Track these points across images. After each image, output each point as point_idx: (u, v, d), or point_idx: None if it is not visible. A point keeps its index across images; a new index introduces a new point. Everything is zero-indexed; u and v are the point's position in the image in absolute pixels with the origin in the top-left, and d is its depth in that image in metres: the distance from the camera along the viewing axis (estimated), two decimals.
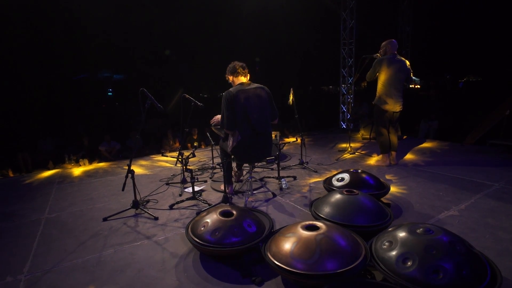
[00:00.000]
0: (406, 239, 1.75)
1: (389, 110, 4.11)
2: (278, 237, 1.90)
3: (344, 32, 8.76)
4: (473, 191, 3.21)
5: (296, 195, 3.29)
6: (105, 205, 3.19)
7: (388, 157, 4.30)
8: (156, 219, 2.76)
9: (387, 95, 4.06)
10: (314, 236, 1.76)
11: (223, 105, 2.88)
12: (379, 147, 4.32)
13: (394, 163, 4.32)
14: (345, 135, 7.21)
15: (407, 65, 4.04)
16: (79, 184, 4.04)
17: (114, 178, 4.21)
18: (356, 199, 2.35)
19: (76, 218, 2.91)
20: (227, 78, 3.14)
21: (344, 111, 9.37)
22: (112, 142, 7.96)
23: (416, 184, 3.50)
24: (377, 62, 4.09)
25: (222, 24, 10.81)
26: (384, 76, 4.03)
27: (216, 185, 3.68)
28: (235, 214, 2.16)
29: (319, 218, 2.33)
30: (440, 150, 5.24)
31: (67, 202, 3.35)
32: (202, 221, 2.15)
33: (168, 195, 3.43)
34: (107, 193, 3.60)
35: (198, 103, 3.44)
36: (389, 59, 4.00)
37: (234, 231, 2.01)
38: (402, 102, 4.12)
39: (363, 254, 1.75)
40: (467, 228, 2.45)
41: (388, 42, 4.08)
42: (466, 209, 2.79)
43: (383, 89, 4.08)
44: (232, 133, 2.92)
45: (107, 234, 2.52)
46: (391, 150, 4.31)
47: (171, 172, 4.37)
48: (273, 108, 3.04)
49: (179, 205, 3.07)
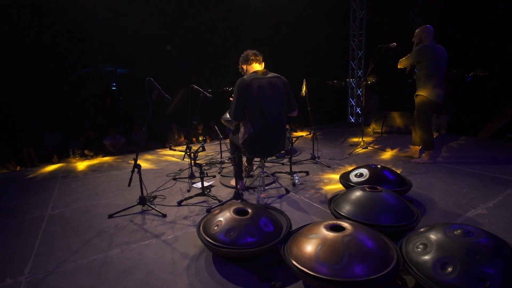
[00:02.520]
0: (443, 242, 1.58)
1: (433, 101, 3.69)
2: (299, 238, 1.74)
3: (354, 23, 8.48)
4: (498, 188, 3.02)
5: (311, 191, 3.12)
6: (110, 201, 3.06)
7: (432, 154, 3.93)
8: (164, 216, 2.62)
9: (435, 86, 3.64)
10: (341, 237, 1.59)
11: (235, 93, 2.71)
12: (426, 143, 3.87)
13: (417, 157, 4.11)
14: (355, 129, 7.01)
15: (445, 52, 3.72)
16: (84, 178, 3.91)
17: (120, 173, 4.08)
18: (380, 197, 2.18)
19: (80, 214, 2.77)
20: (240, 69, 2.96)
21: (353, 105, 9.14)
22: (117, 136, 7.84)
23: (436, 180, 3.31)
24: (420, 50, 3.64)
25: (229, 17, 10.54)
26: (429, 64, 3.62)
27: (226, 180, 3.53)
28: (251, 212, 2.00)
29: (340, 216, 2.17)
30: (456, 145, 5.02)
31: (71, 197, 3.22)
32: (214, 219, 1.99)
33: (176, 191, 3.28)
34: (112, 188, 3.46)
35: (207, 94, 3.27)
36: (432, 46, 3.62)
37: (251, 231, 1.85)
38: None
39: (395, 258, 1.59)
40: (499, 228, 2.26)
41: (423, 29, 3.71)
42: (495, 208, 2.60)
43: (432, 78, 3.64)
44: (244, 124, 2.75)
45: (113, 232, 2.38)
46: (415, 145, 4.10)
47: (178, 167, 4.22)
48: (290, 100, 2.84)
49: (188, 201, 2.92)
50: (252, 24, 10.54)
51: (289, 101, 2.86)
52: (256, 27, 10.77)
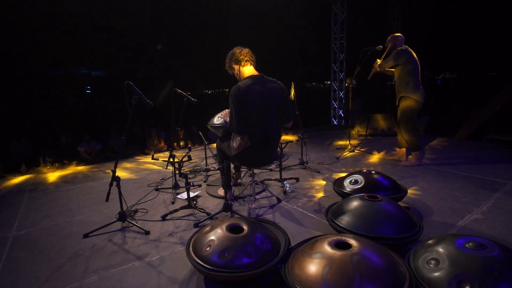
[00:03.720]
0: (456, 256, 1.48)
1: (420, 102, 3.77)
2: (301, 257, 1.58)
3: (335, 26, 8.53)
4: (488, 191, 3.02)
5: (303, 200, 2.99)
6: (85, 218, 2.76)
7: (419, 155, 3.95)
8: (148, 234, 2.38)
9: (417, 87, 3.74)
10: (349, 257, 1.45)
11: (231, 104, 2.40)
12: (413, 144, 3.88)
13: (404, 160, 4.10)
14: (339, 132, 7.00)
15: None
16: (55, 192, 3.56)
17: (96, 184, 3.76)
18: (381, 206, 2.07)
19: (50, 235, 2.47)
20: (229, 70, 2.62)
21: (335, 107, 9.18)
22: (92, 142, 7.38)
23: (427, 184, 3.28)
24: (399, 53, 3.74)
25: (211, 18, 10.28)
26: (409, 66, 3.73)
27: (212, 189, 3.32)
28: (246, 229, 1.82)
29: (339, 228, 2.04)
30: (440, 147, 5.09)
31: (40, 214, 2.89)
32: (206, 238, 1.79)
33: (159, 203, 3.04)
34: (87, 202, 3.15)
35: (191, 99, 3.06)
36: (408, 50, 3.77)
37: (247, 251, 1.67)
38: None
39: (407, 276, 1.46)
40: (498, 234, 2.22)
41: (394, 37, 3.90)
42: (489, 211, 2.58)
43: (413, 79, 3.73)
44: (241, 136, 2.51)
45: (89, 255, 2.12)
46: (401, 147, 4.10)
47: (160, 176, 3.96)
48: (289, 108, 2.62)
49: (173, 215, 2.69)
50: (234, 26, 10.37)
51: (287, 110, 2.62)
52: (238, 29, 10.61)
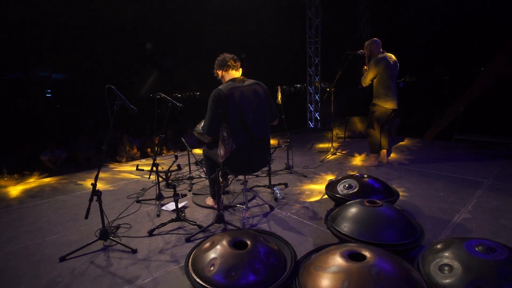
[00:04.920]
0: (469, 261, 1.47)
1: (388, 108, 3.94)
2: (314, 272, 1.49)
3: (310, 30, 8.67)
4: (469, 189, 3.15)
5: (296, 206, 2.91)
6: (59, 238, 2.47)
7: (377, 157, 4.16)
8: (135, 252, 2.16)
9: (387, 93, 3.89)
10: (367, 269, 1.38)
11: (209, 105, 2.39)
12: (370, 146, 4.15)
13: (385, 162, 4.21)
14: (317, 135, 7.08)
15: (395, 61, 3.93)
16: (20, 208, 3.18)
17: (67, 198, 3.41)
18: (382, 212, 2.04)
19: (19, 260, 2.16)
20: (215, 73, 2.63)
21: (311, 110, 9.30)
22: (57, 151, 6.83)
23: (412, 185, 3.36)
24: (375, 63, 3.85)
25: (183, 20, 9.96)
26: (382, 74, 3.86)
27: (199, 199, 3.15)
28: (250, 243, 1.70)
29: (343, 236, 1.98)
30: (415, 147, 5.30)
31: (4, 236, 2.54)
32: (207, 256, 1.64)
33: (142, 217, 2.81)
34: (60, 219, 2.84)
35: (176, 103, 2.88)
36: (384, 57, 3.85)
37: (255, 268, 1.55)
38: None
39: (424, 285, 1.43)
40: (487, 232, 2.30)
41: (371, 42, 3.96)
42: (474, 210, 2.67)
43: (384, 87, 3.89)
44: (224, 141, 2.43)
45: (69, 281, 1.87)
46: (382, 149, 4.19)
47: (139, 186, 3.70)
48: (271, 107, 2.61)
49: (161, 230, 2.49)
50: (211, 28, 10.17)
51: (270, 110, 2.63)
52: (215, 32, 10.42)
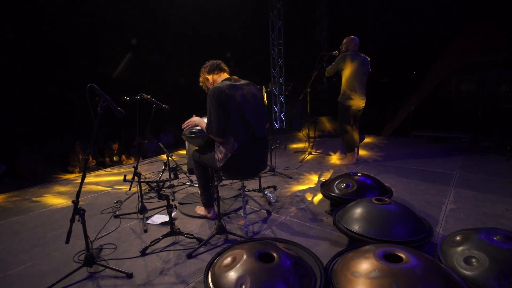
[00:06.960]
0: (492, 252, 1.52)
1: (353, 106, 4.08)
2: (354, 278, 1.41)
3: (273, 33, 8.74)
4: (444, 182, 3.39)
5: (292, 209, 2.83)
6: (27, 269, 2.04)
7: (354, 155, 4.28)
8: (131, 277, 1.87)
9: (351, 91, 4.02)
10: (412, 270, 1.34)
11: (211, 105, 2.19)
12: (345, 145, 4.27)
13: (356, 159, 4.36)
14: (288, 135, 7.14)
15: (368, 61, 4.08)
16: None
17: (25, 219, 2.89)
18: (392, 209, 2.05)
19: None
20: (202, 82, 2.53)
21: (276, 111, 9.38)
22: None
23: (394, 181, 3.51)
24: (340, 58, 4.00)
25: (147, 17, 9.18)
26: (348, 71, 3.98)
27: (187, 208, 2.89)
28: (276, 255, 1.56)
29: (358, 236, 1.94)
30: (382, 144, 5.61)
31: None
32: (232, 275, 1.47)
33: (126, 234, 2.48)
34: (22, 246, 2.37)
35: (162, 105, 2.61)
36: (352, 54, 3.97)
37: (290, 282, 1.42)
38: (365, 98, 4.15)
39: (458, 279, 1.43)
40: (476, 220, 2.46)
41: (350, 39, 4.05)
42: (456, 201, 2.86)
43: (347, 85, 4.02)
44: (224, 142, 2.25)
45: None
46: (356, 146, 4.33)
47: (111, 198, 3.30)
48: (265, 109, 2.52)
49: (154, 247, 2.21)
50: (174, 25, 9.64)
51: (265, 111, 2.54)
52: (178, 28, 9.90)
